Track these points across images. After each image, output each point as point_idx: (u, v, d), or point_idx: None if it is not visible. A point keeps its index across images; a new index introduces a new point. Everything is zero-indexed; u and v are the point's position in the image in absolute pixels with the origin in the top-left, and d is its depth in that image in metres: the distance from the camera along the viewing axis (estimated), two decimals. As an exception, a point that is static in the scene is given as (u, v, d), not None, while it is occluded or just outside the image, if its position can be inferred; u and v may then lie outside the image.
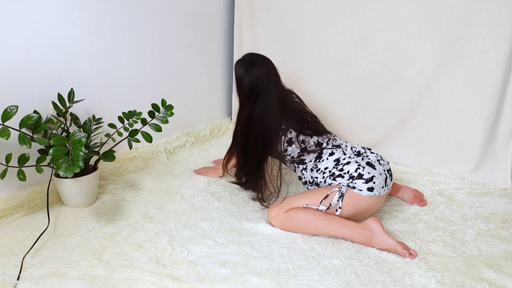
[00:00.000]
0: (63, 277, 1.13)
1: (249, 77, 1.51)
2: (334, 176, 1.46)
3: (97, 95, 1.82)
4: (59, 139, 1.27)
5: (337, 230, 1.35)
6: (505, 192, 1.77)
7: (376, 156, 1.51)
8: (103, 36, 1.79)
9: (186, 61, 2.28)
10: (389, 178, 1.48)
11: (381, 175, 1.43)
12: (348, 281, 1.16)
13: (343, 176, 1.44)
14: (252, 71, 1.51)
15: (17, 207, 1.51)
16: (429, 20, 1.82)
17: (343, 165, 1.46)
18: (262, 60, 1.55)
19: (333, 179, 1.47)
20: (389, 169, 1.50)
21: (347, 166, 1.45)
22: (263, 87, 1.50)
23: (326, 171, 1.49)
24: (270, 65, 1.55)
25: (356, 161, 1.45)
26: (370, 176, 1.40)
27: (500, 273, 1.20)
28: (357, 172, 1.42)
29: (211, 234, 1.41)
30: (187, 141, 2.32)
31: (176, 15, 2.13)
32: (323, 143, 1.55)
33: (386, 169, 1.48)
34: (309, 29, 2.20)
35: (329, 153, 1.52)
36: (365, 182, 1.40)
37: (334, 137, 1.60)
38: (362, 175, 1.41)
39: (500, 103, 1.75)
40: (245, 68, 1.53)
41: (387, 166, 1.51)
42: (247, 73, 1.52)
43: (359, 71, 2.10)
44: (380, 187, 1.41)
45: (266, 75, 1.52)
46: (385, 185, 1.44)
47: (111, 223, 1.48)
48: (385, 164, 1.50)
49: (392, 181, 1.52)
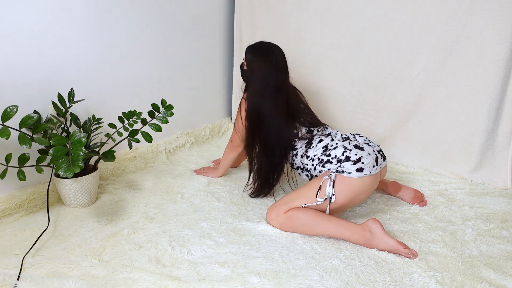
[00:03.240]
0: (63, 277, 1.14)
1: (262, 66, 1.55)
2: (323, 163, 1.47)
3: (97, 95, 1.82)
4: (59, 139, 1.27)
5: (337, 231, 1.35)
6: (505, 192, 1.77)
7: (365, 139, 1.52)
8: (103, 36, 1.79)
9: (186, 61, 2.28)
10: (381, 158, 1.47)
11: (370, 155, 1.42)
12: (348, 281, 1.16)
13: (331, 161, 1.44)
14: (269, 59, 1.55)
15: (17, 207, 1.51)
16: (429, 20, 1.82)
17: (330, 150, 1.47)
18: (276, 49, 1.59)
19: (322, 166, 1.47)
20: (380, 150, 1.50)
21: (334, 151, 1.46)
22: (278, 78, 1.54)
23: (315, 158, 1.50)
24: (283, 54, 1.59)
25: (343, 145, 1.46)
26: (358, 157, 1.40)
27: (500, 273, 1.20)
28: (344, 155, 1.42)
29: (211, 234, 1.41)
30: (187, 141, 2.32)
31: (176, 15, 2.13)
32: (314, 130, 1.57)
33: (376, 150, 1.48)
34: (309, 29, 2.20)
35: (319, 140, 1.53)
36: (353, 163, 1.39)
37: (326, 127, 1.62)
38: (349, 157, 1.41)
39: (500, 103, 1.75)
40: (258, 55, 1.56)
41: (377, 147, 1.50)
42: (261, 61, 1.55)
43: (359, 71, 2.10)
44: (370, 167, 1.40)
45: (283, 66, 1.57)
46: (376, 164, 1.42)
47: (111, 223, 1.48)
48: (375, 145, 1.50)
49: (385, 162, 1.50)
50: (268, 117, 1.53)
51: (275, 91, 1.53)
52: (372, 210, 1.61)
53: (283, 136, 1.54)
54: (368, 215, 1.56)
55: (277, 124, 1.52)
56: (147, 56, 2.03)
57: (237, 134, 1.71)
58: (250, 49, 1.60)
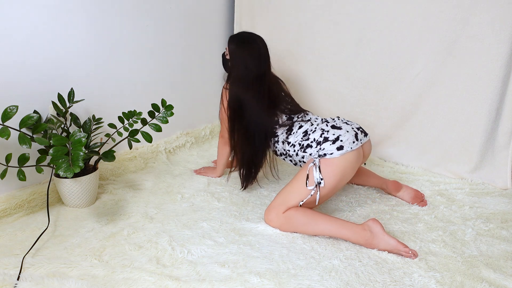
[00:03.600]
0: (63, 277, 1.14)
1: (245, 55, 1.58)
2: (304, 148, 1.50)
3: (97, 95, 1.82)
4: (59, 139, 1.27)
5: (337, 231, 1.35)
6: (505, 192, 1.77)
7: (343, 120, 1.55)
8: (103, 36, 1.79)
9: (186, 61, 2.28)
10: (361, 134, 1.49)
11: (349, 132, 1.45)
12: (348, 281, 1.16)
13: (311, 145, 1.47)
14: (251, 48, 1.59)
15: (17, 207, 1.51)
16: (429, 20, 1.82)
17: (310, 134, 1.50)
18: (258, 38, 1.63)
19: (303, 151, 1.50)
20: (359, 127, 1.52)
21: (313, 134, 1.49)
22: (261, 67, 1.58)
23: (296, 143, 1.53)
24: (264, 44, 1.63)
25: (321, 128, 1.50)
26: (336, 136, 1.43)
27: (500, 273, 1.20)
28: (322, 137, 1.46)
29: (211, 234, 1.41)
30: (187, 141, 2.32)
31: (176, 15, 2.13)
32: (294, 117, 1.60)
33: (355, 127, 1.50)
34: (309, 29, 2.20)
35: (299, 126, 1.56)
36: (332, 143, 1.42)
37: (306, 113, 1.64)
38: (327, 137, 1.44)
39: (500, 103, 1.75)
40: (241, 45, 1.60)
41: (356, 125, 1.53)
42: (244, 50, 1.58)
43: (359, 71, 2.10)
44: (350, 142, 1.42)
45: (265, 55, 1.61)
46: (356, 140, 1.45)
47: (111, 223, 1.48)
48: (354, 124, 1.53)
49: (367, 137, 1.52)
50: (249, 105, 1.56)
51: (257, 80, 1.57)
52: (373, 211, 1.61)
53: (263, 123, 1.57)
54: (368, 216, 1.56)
55: (258, 111, 1.56)
56: (147, 56, 2.03)
57: (223, 125, 1.72)
58: (232, 39, 1.63)
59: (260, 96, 1.56)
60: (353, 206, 1.65)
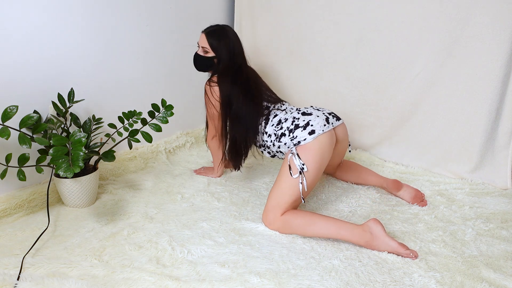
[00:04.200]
0: (63, 277, 1.14)
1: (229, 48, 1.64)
2: (278, 138, 1.54)
3: (97, 95, 1.82)
4: (59, 139, 1.27)
5: (336, 232, 1.34)
6: (505, 192, 1.77)
7: (315, 107, 1.59)
8: (103, 36, 1.79)
9: (186, 61, 2.27)
10: (333, 118, 1.53)
11: (319, 117, 1.49)
12: (348, 281, 1.16)
13: (285, 134, 1.51)
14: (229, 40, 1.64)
15: (17, 207, 1.51)
16: (429, 20, 1.82)
17: (283, 123, 1.54)
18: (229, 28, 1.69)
19: (279, 141, 1.54)
20: (331, 112, 1.56)
21: (285, 123, 1.53)
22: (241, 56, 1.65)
23: (272, 134, 1.56)
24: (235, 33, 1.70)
25: (293, 116, 1.54)
26: (306, 122, 1.47)
27: (500, 273, 1.20)
28: (293, 124, 1.50)
29: (211, 234, 1.41)
30: (187, 141, 2.32)
31: (176, 15, 2.13)
32: (270, 106, 1.64)
33: (327, 112, 1.55)
34: (309, 29, 2.20)
35: (274, 115, 1.60)
36: (303, 129, 1.46)
37: (283, 103, 1.67)
38: (298, 124, 1.48)
39: (500, 103, 1.75)
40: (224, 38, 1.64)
41: (328, 111, 1.58)
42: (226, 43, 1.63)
43: (359, 71, 2.10)
44: (321, 126, 1.46)
45: (239, 44, 1.68)
46: (327, 123, 1.48)
47: (111, 223, 1.48)
48: (325, 110, 1.57)
49: (340, 121, 1.56)
50: (239, 96, 1.59)
51: (239, 71, 1.63)
52: (373, 211, 1.61)
53: (251, 111, 1.60)
54: (369, 216, 1.56)
55: (247, 102, 1.59)
56: (147, 56, 2.03)
57: (211, 121, 1.75)
58: (211, 35, 1.65)
59: (244, 85, 1.61)
60: (353, 206, 1.65)
